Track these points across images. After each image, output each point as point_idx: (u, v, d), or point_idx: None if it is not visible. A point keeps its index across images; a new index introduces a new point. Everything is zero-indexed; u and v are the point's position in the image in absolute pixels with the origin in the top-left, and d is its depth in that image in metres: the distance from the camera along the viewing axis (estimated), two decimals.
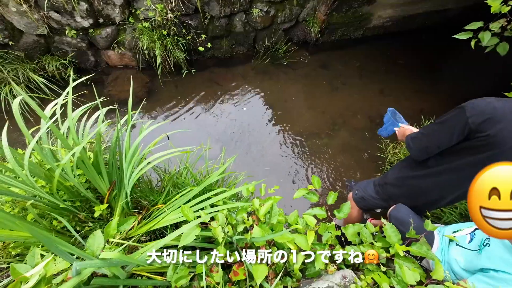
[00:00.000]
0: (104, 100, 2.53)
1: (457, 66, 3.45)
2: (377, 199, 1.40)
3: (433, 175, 1.14)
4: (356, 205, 1.53)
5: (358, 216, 1.58)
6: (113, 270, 0.77)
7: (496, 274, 0.86)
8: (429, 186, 1.17)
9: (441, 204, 1.22)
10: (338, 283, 0.88)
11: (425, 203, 1.24)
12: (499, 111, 0.89)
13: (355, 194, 1.51)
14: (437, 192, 1.16)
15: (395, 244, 0.98)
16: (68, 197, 1.30)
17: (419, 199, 1.23)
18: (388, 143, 2.44)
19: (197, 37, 2.74)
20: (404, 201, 1.29)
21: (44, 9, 2.12)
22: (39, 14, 2.16)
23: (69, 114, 1.02)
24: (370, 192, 1.43)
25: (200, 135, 2.44)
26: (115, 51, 2.68)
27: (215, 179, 1.34)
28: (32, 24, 2.19)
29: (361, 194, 1.48)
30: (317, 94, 2.99)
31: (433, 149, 1.09)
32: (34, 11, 2.13)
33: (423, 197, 1.21)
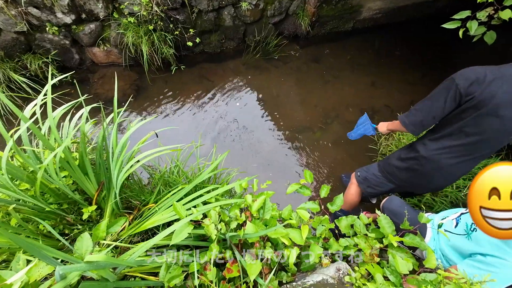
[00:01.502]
0: (89, 98, 2.46)
1: (447, 58, 3.48)
2: (379, 177, 1.42)
3: (432, 150, 1.18)
4: (358, 186, 1.53)
5: (357, 197, 1.58)
6: (101, 272, 0.74)
7: (484, 258, 0.87)
8: (429, 159, 1.19)
9: (439, 180, 1.22)
10: (332, 275, 0.87)
11: (426, 179, 1.25)
12: (482, 75, 0.99)
13: (358, 176, 1.53)
14: (436, 164, 1.18)
15: (388, 235, 0.98)
16: (55, 200, 1.25)
17: (421, 176, 1.24)
18: (380, 135, 2.45)
19: (185, 32, 2.67)
20: (406, 177, 1.30)
21: (21, 5, 2.02)
22: (17, 10, 2.06)
23: (49, 114, 0.97)
24: (373, 171, 1.44)
25: (191, 132, 2.40)
26: (101, 48, 2.59)
27: (206, 176, 1.31)
28: (9, 21, 2.08)
29: (364, 175, 1.49)
30: (309, 88, 2.98)
31: (428, 120, 1.15)
32: (11, 6, 2.03)
33: (425, 172, 1.22)
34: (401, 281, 0.84)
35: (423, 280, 0.78)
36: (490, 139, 1.05)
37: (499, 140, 1.06)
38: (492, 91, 0.97)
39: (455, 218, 1.06)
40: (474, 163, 1.17)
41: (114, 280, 0.88)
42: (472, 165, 1.18)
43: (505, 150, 1.98)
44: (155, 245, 1.22)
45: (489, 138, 1.05)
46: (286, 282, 1.01)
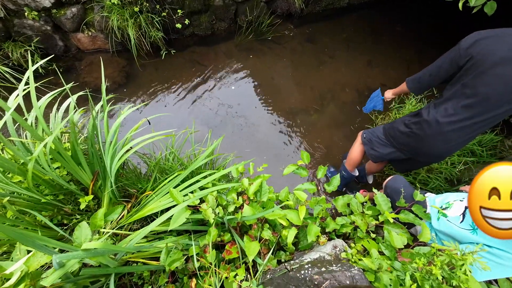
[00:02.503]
0: (77, 86, 2.38)
1: (446, 34, 3.39)
2: (383, 140, 1.45)
3: (434, 113, 1.18)
4: (363, 145, 1.59)
5: (360, 155, 1.66)
6: (99, 259, 0.75)
7: (489, 249, 0.86)
8: (430, 122, 1.19)
9: (439, 146, 1.22)
10: (329, 252, 0.90)
11: (426, 144, 1.24)
12: (483, 34, 1.00)
13: (364, 137, 1.57)
14: (437, 128, 1.18)
15: (384, 212, 1.00)
16: (50, 191, 1.24)
17: (421, 141, 1.25)
18: (376, 115, 2.44)
19: (173, 14, 2.54)
20: (407, 142, 1.31)
21: None
22: None
23: (34, 103, 0.93)
24: (377, 133, 1.48)
25: (185, 119, 2.36)
26: (85, 34, 2.47)
27: (202, 161, 1.30)
28: None
29: (369, 136, 1.54)
30: (304, 69, 2.91)
31: (425, 78, 1.23)
32: None
33: (425, 136, 1.23)
34: (396, 255, 0.86)
35: (417, 253, 0.80)
36: (490, 99, 1.03)
37: (498, 100, 1.03)
38: (490, 49, 0.97)
39: (461, 214, 1.02)
40: (474, 131, 1.15)
41: (115, 266, 0.90)
42: (472, 134, 1.16)
43: (500, 125, 1.99)
44: (155, 231, 1.24)
45: (488, 98, 1.03)
46: (284, 260, 1.03)
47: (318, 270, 0.72)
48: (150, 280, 1.12)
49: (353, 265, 0.77)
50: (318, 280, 0.68)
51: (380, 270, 0.79)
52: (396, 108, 2.35)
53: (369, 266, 0.80)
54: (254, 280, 0.81)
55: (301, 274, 0.73)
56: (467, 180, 1.82)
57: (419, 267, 0.75)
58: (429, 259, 0.76)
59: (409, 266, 0.77)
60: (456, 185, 1.84)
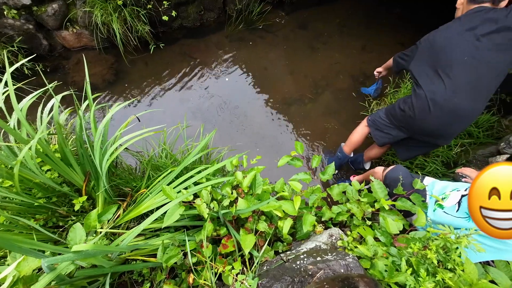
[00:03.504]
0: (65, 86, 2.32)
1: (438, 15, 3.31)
2: (384, 119, 1.54)
3: (425, 88, 1.29)
4: (367, 127, 1.68)
5: (361, 138, 1.74)
6: (92, 260, 0.74)
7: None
8: (420, 96, 1.30)
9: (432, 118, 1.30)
10: (325, 241, 0.89)
11: (421, 117, 1.32)
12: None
13: (369, 120, 1.66)
14: (425, 99, 1.28)
15: (380, 199, 0.99)
16: (43, 194, 1.23)
17: (416, 114, 1.33)
18: (371, 101, 2.41)
19: (158, 5, 2.45)
20: (405, 118, 1.39)
21: None
22: None
23: (14, 105, 0.90)
24: (380, 114, 1.58)
25: (177, 114, 2.32)
26: (70, 31, 2.39)
27: (196, 156, 1.28)
28: None
29: (373, 118, 1.63)
30: (298, 57, 2.85)
31: (397, 57, 1.55)
32: None
33: (419, 109, 1.32)
34: (392, 241, 0.86)
35: (412, 238, 0.79)
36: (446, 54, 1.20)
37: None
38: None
39: (457, 202, 1.02)
40: (457, 96, 1.20)
41: (111, 265, 0.89)
42: (459, 101, 1.21)
43: (497, 105, 1.97)
44: (152, 228, 1.24)
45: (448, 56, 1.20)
46: (282, 251, 1.03)
47: (313, 260, 0.72)
48: (150, 277, 1.12)
49: (348, 253, 0.76)
50: (312, 270, 0.67)
51: (376, 256, 0.79)
52: (392, 93, 2.32)
53: (365, 253, 0.79)
54: (250, 272, 0.80)
55: (296, 265, 0.73)
56: (463, 162, 1.82)
57: (415, 251, 0.74)
58: (425, 244, 0.76)
59: (405, 251, 0.77)
60: (453, 168, 1.84)
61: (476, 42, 1.12)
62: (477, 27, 1.13)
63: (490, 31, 1.11)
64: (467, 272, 0.66)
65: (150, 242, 1.03)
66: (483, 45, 1.12)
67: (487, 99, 1.23)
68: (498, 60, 1.13)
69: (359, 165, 1.98)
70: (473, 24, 1.14)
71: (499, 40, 1.11)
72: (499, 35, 1.10)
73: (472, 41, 1.13)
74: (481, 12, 1.14)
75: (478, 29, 1.12)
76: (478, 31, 1.12)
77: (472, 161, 1.79)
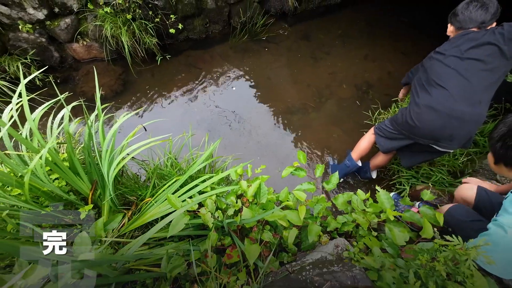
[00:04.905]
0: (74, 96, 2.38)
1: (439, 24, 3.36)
2: (389, 126, 1.62)
3: (422, 98, 1.42)
4: (374, 134, 1.74)
5: (368, 145, 1.80)
6: (97, 270, 0.74)
7: None
8: (420, 104, 1.41)
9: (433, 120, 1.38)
10: (331, 252, 0.88)
11: (422, 121, 1.41)
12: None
13: (376, 127, 1.74)
14: (424, 109, 1.39)
15: (386, 210, 0.98)
16: (50, 203, 1.24)
17: (417, 120, 1.42)
18: (375, 109, 2.42)
19: (166, 19, 2.54)
20: (407, 123, 1.46)
21: None
22: None
23: (27, 115, 0.93)
24: (386, 122, 1.66)
25: (182, 123, 2.35)
26: (80, 43, 2.48)
27: (200, 166, 1.30)
28: None
29: (379, 126, 1.71)
30: (301, 67, 2.89)
31: (409, 72, 1.79)
32: None
33: (419, 114, 1.41)
34: (399, 252, 0.85)
35: (420, 249, 0.78)
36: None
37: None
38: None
39: None
40: (453, 103, 1.32)
41: (116, 275, 0.89)
42: (456, 107, 1.32)
43: (502, 114, 1.96)
44: (156, 237, 1.24)
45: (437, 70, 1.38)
46: (287, 262, 1.02)
47: (319, 271, 0.71)
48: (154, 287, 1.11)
49: (355, 265, 0.75)
50: (318, 282, 0.66)
51: (383, 268, 0.78)
52: (395, 102, 2.33)
53: (372, 265, 0.78)
54: (255, 283, 0.80)
55: (302, 276, 0.72)
56: (470, 172, 1.79)
57: (423, 263, 0.73)
58: (433, 255, 0.75)
59: (413, 263, 0.76)
60: (459, 177, 1.81)
61: (462, 56, 1.32)
62: (461, 45, 1.33)
63: (471, 46, 1.30)
64: (477, 285, 0.64)
65: (155, 252, 1.03)
66: (468, 57, 1.30)
67: (485, 104, 1.32)
68: (485, 69, 1.29)
69: (365, 173, 1.97)
70: (458, 42, 1.35)
71: (481, 52, 1.28)
72: (480, 49, 1.28)
73: (459, 55, 1.32)
74: (465, 35, 1.35)
75: (462, 46, 1.33)
76: (462, 47, 1.32)
77: (479, 170, 1.77)
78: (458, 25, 1.40)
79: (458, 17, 1.39)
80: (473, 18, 1.35)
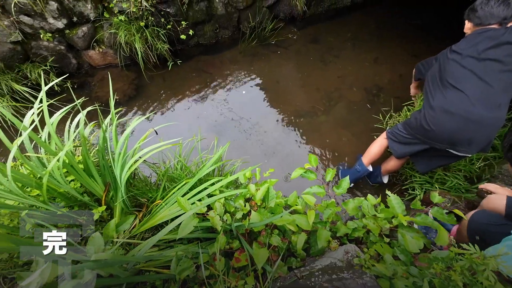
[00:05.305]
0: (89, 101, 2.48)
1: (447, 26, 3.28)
2: (401, 130, 1.57)
3: (437, 100, 1.36)
4: (386, 139, 1.69)
5: (380, 150, 1.75)
6: (110, 270, 0.76)
7: None
8: (435, 107, 1.36)
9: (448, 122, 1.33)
10: (340, 258, 0.86)
11: (436, 124, 1.35)
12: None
13: (388, 132, 1.69)
14: (439, 113, 1.34)
15: (398, 215, 0.96)
16: (66, 203, 1.29)
17: (431, 122, 1.37)
18: (386, 113, 2.37)
19: (177, 25, 2.61)
20: (420, 126, 1.41)
21: (13, 14, 2.02)
22: (9, 20, 2.06)
23: (46, 120, 0.98)
24: (398, 126, 1.61)
25: (192, 127, 2.39)
26: (96, 50, 2.58)
27: (210, 169, 1.31)
28: (4, 32, 2.09)
29: (392, 130, 1.67)
30: (310, 70, 2.89)
31: (419, 64, 1.72)
32: (3, 17, 2.03)
33: (434, 117, 1.36)
34: (412, 260, 0.82)
35: (434, 257, 0.75)
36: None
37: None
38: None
39: None
40: (470, 106, 1.27)
41: (127, 275, 0.91)
42: (473, 110, 1.26)
43: None
44: (166, 239, 1.25)
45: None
46: (295, 267, 1.01)
47: (328, 277, 0.70)
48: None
49: (366, 272, 0.73)
50: None
51: (395, 276, 0.75)
52: (406, 106, 2.28)
53: (383, 272, 0.76)
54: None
55: (311, 282, 0.71)
56: (488, 177, 1.72)
57: (437, 272, 0.70)
58: (448, 264, 0.72)
59: (427, 272, 0.73)
60: (476, 183, 1.74)
61: (479, 56, 1.25)
62: (478, 44, 1.26)
63: (490, 46, 1.23)
64: None
65: (164, 253, 1.04)
66: (486, 58, 1.24)
67: (504, 107, 1.26)
68: (504, 70, 1.22)
69: (376, 178, 1.93)
70: (476, 41, 1.27)
71: (500, 52, 1.22)
72: (499, 49, 1.22)
73: (475, 56, 1.26)
74: (483, 32, 1.28)
75: (480, 45, 1.26)
76: (479, 46, 1.25)
77: (498, 176, 1.69)
78: (478, 21, 1.32)
79: (477, 13, 1.31)
80: (495, 14, 1.27)
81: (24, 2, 2.00)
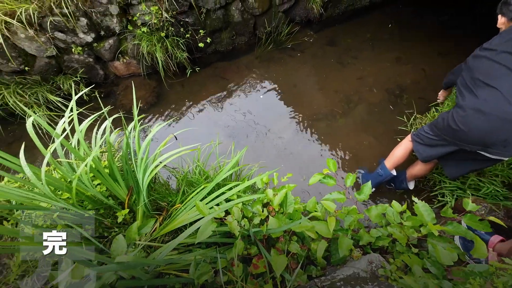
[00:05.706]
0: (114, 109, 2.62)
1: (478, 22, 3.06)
2: (428, 132, 1.50)
3: (468, 100, 1.29)
4: (411, 141, 1.62)
5: (404, 153, 1.68)
6: (132, 272, 0.78)
7: None
8: (464, 107, 1.29)
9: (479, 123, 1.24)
10: (364, 268, 0.82)
11: (466, 124, 1.28)
12: None
13: (413, 134, 1.63)
14: (471, 112, 1.26)
15: (428, 223, 0.89)
16: (92, 206, 1.36)
17: (461, 122, 1.30)
18: (410, 114, 2.25)
19: (195, 34, 2.70)
20: (449, 127, 1.34)
21: (48, 31, 2.20)
22: (45, 37, 2.25)
23: (76, 128, 1.04)
24: (424, 128, 1.54)
25: (210, 132, 2.43)
26: (121, 61, 2.74)
27: (227, 173, 1.32)
28: (41, 48, 2.29)
29: (418, 132, 1.60)
30: (327, 73, 2.83)
31: (449, 73, 1.68)
32: (40, 34, 2.22)
33: (464, 117, 1.28)
34: (445, 273, 0.75)
35: (470, 271, 0.69)
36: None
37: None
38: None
39: None
40: (505, 105, 1.18)
41: (148, 278, 0.93)
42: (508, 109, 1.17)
43: None
44: (185, 243, 1.27)
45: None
46: (316, 276, 0.97)
47: None
48: None
49: (393, 284, 0.68)
50: None
51: None
52: (434, 106, 2.15)
53: (412, 286, 0.71)
54: None
55: None
56: None
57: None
58: (488, 279, 0.65)
59: (462, 287, 0.67)
60: None
61: None
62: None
63: None
64: None
65: (183, 257, 1.05)
66: None
67: None
68: None
69: (401, 184, 1.82)
70: (511, 36, 1.21)
71: None
72: None
73: (510, 52, 1.19)
74: None
75: None
76: None
77: None
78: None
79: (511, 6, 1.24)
80: None
81: (58, 19, 2.19)
